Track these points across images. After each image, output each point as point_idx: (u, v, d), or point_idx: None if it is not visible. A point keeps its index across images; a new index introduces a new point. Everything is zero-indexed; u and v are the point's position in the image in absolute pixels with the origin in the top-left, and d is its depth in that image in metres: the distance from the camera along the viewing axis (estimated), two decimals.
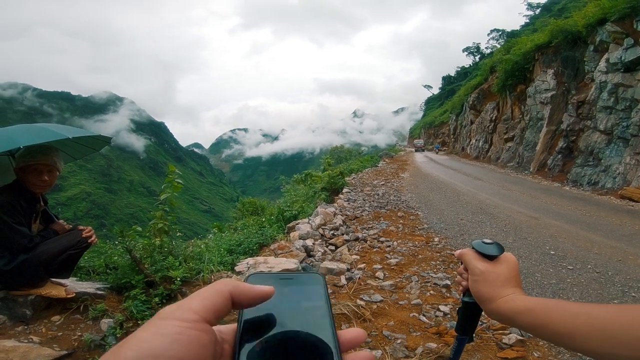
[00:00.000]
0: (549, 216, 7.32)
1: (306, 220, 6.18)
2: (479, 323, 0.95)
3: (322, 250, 4.61)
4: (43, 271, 2.41)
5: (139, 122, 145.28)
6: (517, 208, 8.12)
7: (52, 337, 2.26)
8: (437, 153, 36.71)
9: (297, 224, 5.95)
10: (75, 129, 2.75)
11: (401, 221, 6.44)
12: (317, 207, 7.91)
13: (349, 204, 7.94)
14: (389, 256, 4.60)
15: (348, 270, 4.14)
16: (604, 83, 12.08)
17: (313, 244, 4.81)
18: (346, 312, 2.89)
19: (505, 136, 20.68)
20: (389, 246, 4.96)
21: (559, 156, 14.63)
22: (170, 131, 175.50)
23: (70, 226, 2.71)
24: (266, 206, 11.61)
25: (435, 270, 4.20)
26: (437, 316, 3.05)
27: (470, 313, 0.74)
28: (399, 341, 2.61)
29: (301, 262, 4.21)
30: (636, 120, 10.79)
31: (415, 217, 6.79)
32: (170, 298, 2.82)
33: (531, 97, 17.28)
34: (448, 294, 3.58)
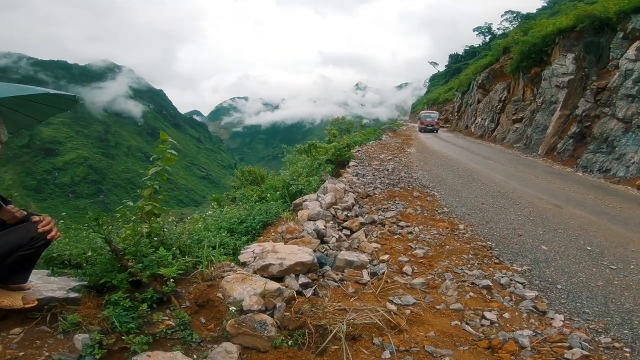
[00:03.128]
0: (572, 205, 6.85)
1: (314, 196, 5.62)
2: (533, 334, 0.64)
3: (337, 236, 4.08)
4: None
5: (138, 90, 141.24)
6: (536, 193, 7.61)
7: (11, 359, 1.73)
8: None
9: (304, 201, 5.40)
10: (25, 87, 2.09)
11: (418, 202, 5.91)
12: (323, 181, 7.36)
13: (358, 179, 7.38)
14: (413, 245, 4.09)
15: (370, 262, 3.64)
16: (630, 71, 11.76)
17: (325, 227, 4.27)
18: (377, 320, 2.38)
19: (514, 117, 20.58)
20: (411, 233, 4.45)
21: (571, 141, 14.43)
22: (169, 98, 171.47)
23: (24, 213, 2.04)
24: (266, 176, 11.06)
25: (469, 265, 3.71)
26: (483, 325, 2.58)
27: None
28: (446, 359, 2.12)
29: (315, 251, 3.69)
30: None
31: (432, 199, 6.25)
32: (161, 302, 2.28)
33: (546, 80, 17.15)
34: (490, 297, 3.10)
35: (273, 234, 4.47)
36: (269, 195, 7.65)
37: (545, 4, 51.40)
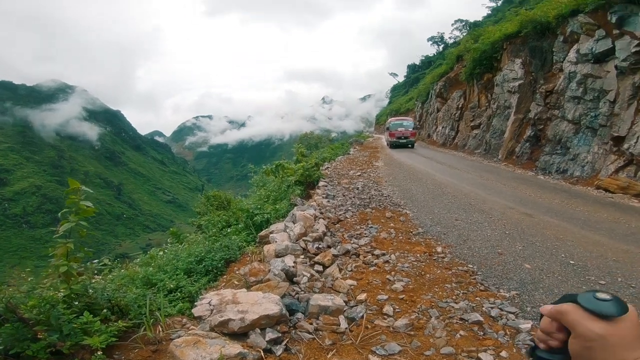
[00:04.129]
0: (542, 212, 6.86)
1: (282, 226, 5.16)
2: None
3: (308, 275, 3.63)
4: None
5: (93, 111, 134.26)
6: (505, 202, 7.61)
7: None
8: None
9: (270, 233, 4.92)
10: None
11: (392, 224, 5.60)
12: (291, 204, 6.91)
13: (328, 201, 7.00)
14: (391, 277, 3.72)
15: (346, 303, 3.22)
16: (573, 73, 12.15)
17: (295, 263, 3.82)
18: None
19: (472, 124, 21.10)
20: (388, 262, 4.09)
21: (527, 144, 14.86)
22: (128, 120, 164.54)
23: None
24: (232, 199, 10.54)
25: (454, 297, 3.39)
26: None
27: None
28: None
29: (284, 296, 3.22)
30: (604, 111, 10.86)
31: (405, 218, 5.98)
32: None
33: (499, 86, 17.54)
34: (482, 334, 2.77)
35: (235, 276, 3.95)
36: (230, 217, 7.09)
37: (490, 12, 53.98)
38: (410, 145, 23.02)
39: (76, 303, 2.52)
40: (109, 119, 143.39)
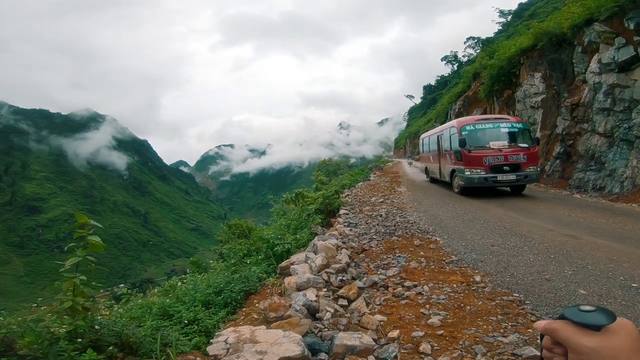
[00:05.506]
0: (586, 233, 6.27)
1: (302, 256, 4.89)
2: None
3: (332, 310, 3.30)
4: None
5: (121, 140, 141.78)
6: (544, 224, 7.03)
7: None
8: (410, 165, 30.21)
9: (291, 264, 4.66)
10: None
11: (421, 252, 5.20)
12: (312, 233, 6.65)
13: (350, 230, 6.68)
14: (425, 311, 3.33)
15: (376, 342, 2.86)
16: (598, 84, 11.61)
17: (317, 297, 3.51)
18: None
19: None
20: (421, 294, 3.70)
21: (557, 161, 14.11)
22: (154, 149, 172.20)
23: None
24: (253, 228, 10.46)
25: (501, 330, 2.97)
26: None
27: None
28: None
29: (306, 335, 2.90)
30: (639, 121, 10.24)
31: (436, 246, 5.56)
32: None
33: (520, 102, 16.97)
34: None
35: (254, 310, 3.67)
36: (251, 244, 6.92)
37: (501, 27, 53.52)
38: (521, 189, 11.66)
39: (80, 340, 2.37)
40: (137, 148, 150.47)
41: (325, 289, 3.77)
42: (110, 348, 2.50)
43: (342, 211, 8.41)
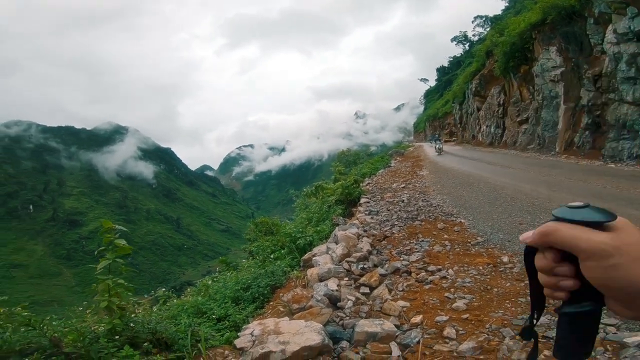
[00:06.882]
0: (625, 204, 5.92)
1: (324, 247, 4.91)
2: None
3: (353, 298, 3.30)
4: None
5: (146, 150, 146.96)
6: (577, 198, 6.65)
7: None
8: (439, 152, 21.97)
9: (313, 256, 4.69)
10: None
11: (445, 235, 5.09)
12: (333, 224, 6.65)
13: (371, 218, 6.62)
14: (450, 295, 3.27)
15: (398, 328, 2.84)
16: (618, 54, 11.44)
17: (338, 286, 3.52)
18: None
19: (519, 119, 20.13)
20: (445, 278, 3.63)
21: (587, 132, 13.81)
22: (178, 156, 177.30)
23: None
24: (279, 224, 10.63)
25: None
26: None
27: (583, 328, 0.48)
28: None
29: (327, 324, 2.92)
30: None
31: (460, 228, 5.42)
32: None
33: (539, 77, 16.87)
34: None
35: (279, 304, 3.74)
36: (277, 242, 7.04)
37: (507, 4, 51.76)
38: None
39: (118, 337, 2.53)
40: (161, 157, 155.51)
41: (346, 278, 3.77)
42: (146, 344, 2.64)
43: (362, 200, 8.35)
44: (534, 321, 0.56)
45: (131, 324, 2.71)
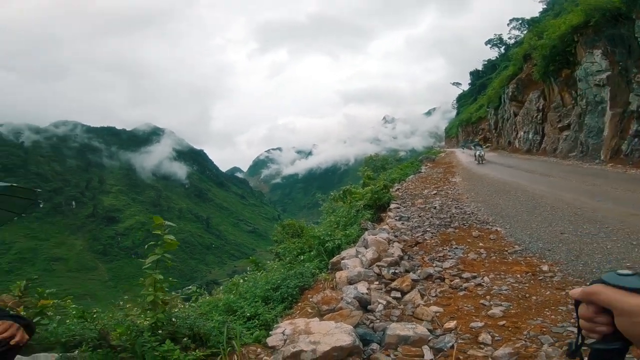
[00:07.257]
0: None
1: (353, 251, 4.89)
2: None
3: (384, 302, 3.27)
4: None
5: (180, 151, 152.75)
6: (623, 208, 6.24)
7: None
8: (480, 161, 18.86)
9: (342, 259, 4.68)
10: None
11: (480, 243, 4.92)
12: (362, 228, 6.60)
13: (402, 224, 6.52)
14: (486, 302, 3.16)
15: (431, 332, 2.78)
16: None
17: (368, 290, 3.49)
18: None
19: (559, 125, 19.22)
20: (481, 285, 3.51)
21: (636, 140, 13.03)
22: (210, 158, 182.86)
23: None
24: (305, 227, 10.68)
25: (573, 320, 2.72)
26: None
27: None
28: None
29: (357, 326, 2.91)
30: None
31: (496, 236, 5.22)
32: None
33: (582, 81, 16.06)
34: None
35: (308, 305, 3.76)
36: (304, 243, 7.09)
37: (546, 6, 49.46)
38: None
39: (160, 331, 2.63)
40: (194, 158, 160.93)
41: (377, 282, 3.73)
42: (185, 339, 2.73)
43: (392, 205, 8.24)
44: (579, 342, 0.68)
45: (173, 319, 2.81)
